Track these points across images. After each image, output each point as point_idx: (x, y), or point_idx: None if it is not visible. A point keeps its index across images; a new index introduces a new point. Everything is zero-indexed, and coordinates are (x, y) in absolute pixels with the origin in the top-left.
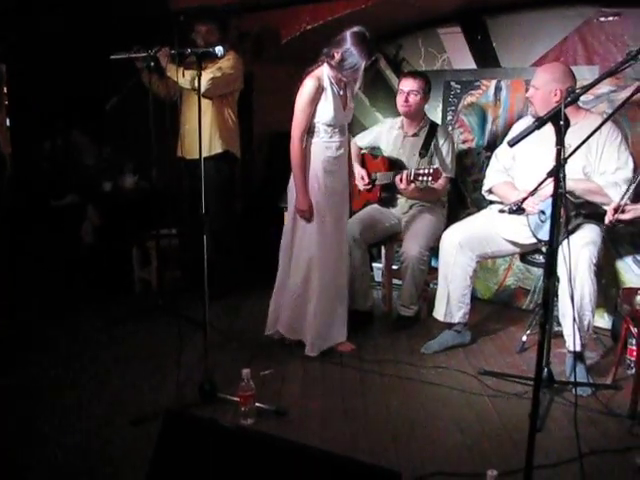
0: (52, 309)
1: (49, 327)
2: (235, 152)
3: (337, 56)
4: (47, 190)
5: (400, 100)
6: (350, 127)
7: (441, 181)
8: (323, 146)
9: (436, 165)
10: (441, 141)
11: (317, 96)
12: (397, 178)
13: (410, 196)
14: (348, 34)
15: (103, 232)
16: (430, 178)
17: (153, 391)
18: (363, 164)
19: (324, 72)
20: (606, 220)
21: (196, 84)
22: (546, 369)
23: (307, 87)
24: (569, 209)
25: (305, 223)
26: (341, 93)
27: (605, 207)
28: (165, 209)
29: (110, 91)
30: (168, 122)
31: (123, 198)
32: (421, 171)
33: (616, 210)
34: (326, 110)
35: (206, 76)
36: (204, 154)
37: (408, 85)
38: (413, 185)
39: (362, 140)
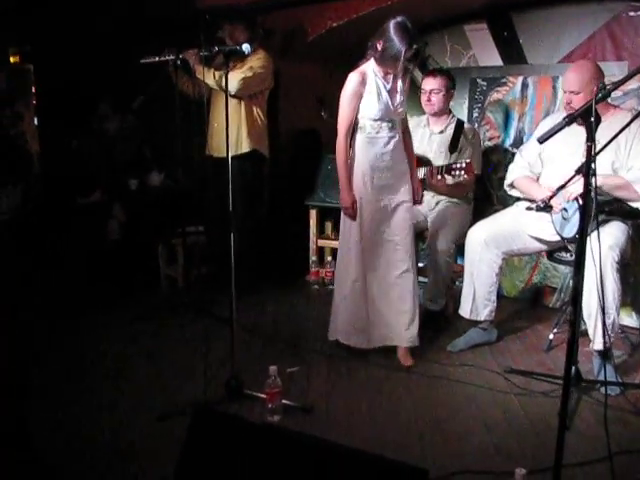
0: (78, 306)
1: (75, 324)
2: (263, 151)
3: (379, 47)
4: (74, 188)
5: (423, 100)
6: None
7: (470, 176)
8: (369, 142)
9: (468, 159)
10: (469, 137)
11: (360, 90)
12: (429, 172)
13: (439, 192)
14: (389, 23)
15: (129, 229)
16: (463, 172)
17: (180, 388)
18: None
19: (369, 66)
20: None
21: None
22: (574, 367)
23: (349, 82)
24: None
25: (350, 221)
26: (389, 87)
27: (632, 203)
28: (191, 207)
29: (138, 88)
30: (195, 120)
31: (149, 196)
32: (454, 165)
33: None
34: (371, 104)
35: (237, 76)
36: (231, 153)
37: (429, 84)
38: (444, 179)
39: None
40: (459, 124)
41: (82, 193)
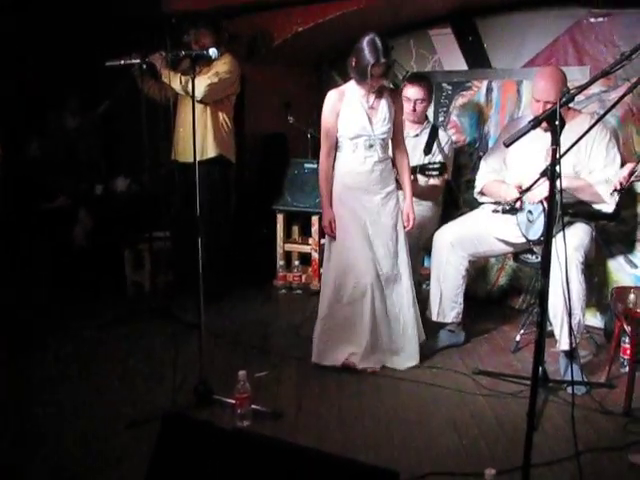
0: (43, 312)
1: (41, 330)
2: (230, 157)
3: (352, 63)
4: (37, 193)
5: (407, 108)
6: None
7: (444, 177)
8: (345, 160)
9: (443, 160)
10: (443, 142)
11: (337, 108)
12: None
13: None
14: (361, 39)
15: (95, 235)
16: (437, 173)
17: (149, 394)
18: None
19: (349, 84)
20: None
21: (191, 89)
22: (541, 368)
23: (327, 99)
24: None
25: (329, 239)
26: (368, 105)
27: (595, 205)
28: (158, 212)
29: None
30: (161, 125)
31: (115, 201)
32: (429, 165)
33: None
34: (347, 122)
35: (203, 82)
36: (197, 158)
37: (415, 94)
38: (417, 180)
39: None
40: (434, 129)
41: (46, 198)
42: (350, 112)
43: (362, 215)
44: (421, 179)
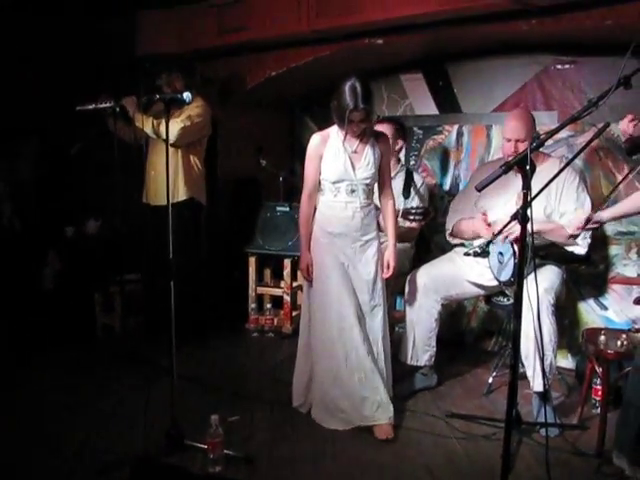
0: (10, 356)
1: (8, 375)
2: (200, 199)
3: (333, 104)
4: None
5: None
6: None
7: (426, 221)
8: (326, 204)
9: (425, 204)
10: (418, 184)
11: (319, 151)
12: (381, 215)
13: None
14: (344, 81)
15: (65, 277)
16: (421, 217)
17: (119, 439)
18: None
19: (334, 128)
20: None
21: (164, 132)
22: (514, 410)
23: (310, 142)
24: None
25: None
26: (352, 150)
27: (568, 248)
28: (129, 255)
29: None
30: (133, 168)
31: (86, 243)
32: (412, 210)
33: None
34: (328, 166)
35: (176, 125)
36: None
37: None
38: (399, 222)
39: None
40: (408, 173)
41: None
42: (332, 156)
43: (342, 259)
44: (402, 222)
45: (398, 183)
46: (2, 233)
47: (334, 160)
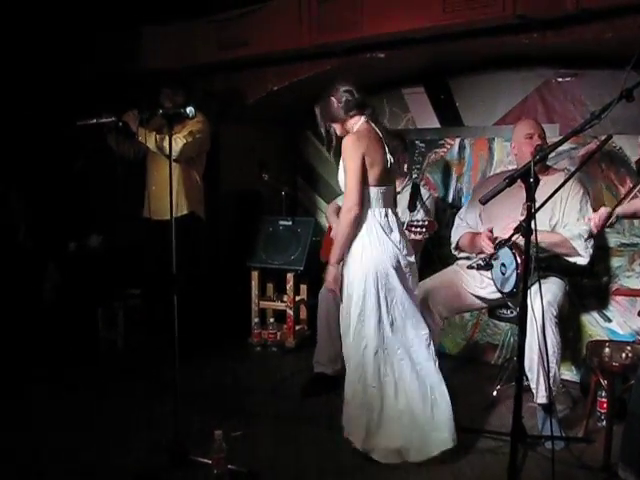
0: (11, 373)
1: (8, 392)
2: (200, 214)
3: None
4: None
5: None
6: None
7: (429, 234)
8: None
9: (431, 217)
10: (425, 198)
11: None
12: None
13: None
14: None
15: (66, 292)
16: (424, 230)
17: (122, 455)
18: None
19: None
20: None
21: (166, 148)
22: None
23: None
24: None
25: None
26: None
27: (569, 259)
28: (131, 269)
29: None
30: (135, 183)
31: (88, 258)
32: (415, 222)
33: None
34: None
35: (178, 141)
36: (168, 215)
37: None
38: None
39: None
40: (415, 186)
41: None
42: None
43: None
44: (408, 235)
45: (405, 197)
46: (17, 250)
47: None
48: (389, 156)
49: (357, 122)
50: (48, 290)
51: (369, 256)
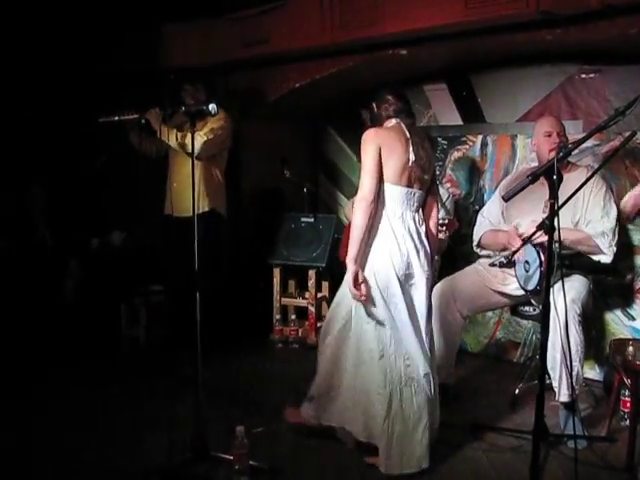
0: (36, 370)
1: (32, 389)
2: (221, 211)
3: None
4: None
5: None
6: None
7: (450, 232)
8: None
9: (451, 217)
10: (444, 197)
11: None
12: None
13: None
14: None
15: (89, 289)
16: (444, 228)
17: (145, 450)
18: None
19: None
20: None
21: (188, 145)
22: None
23: None
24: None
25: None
26: None
27: (593, 257)
28: (153, 266)
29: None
30: (157, 180)
31: (111, 255)
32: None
33: None
34: None
35: (200, 139)
36: (190, 212)
37: None
38: None
39: None
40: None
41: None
42: None
43: None
44: None
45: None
46: (36, 247)
47: None
48: (412, 155)
49: (390, 123)
50: (70, 287)
51: (373, 257)
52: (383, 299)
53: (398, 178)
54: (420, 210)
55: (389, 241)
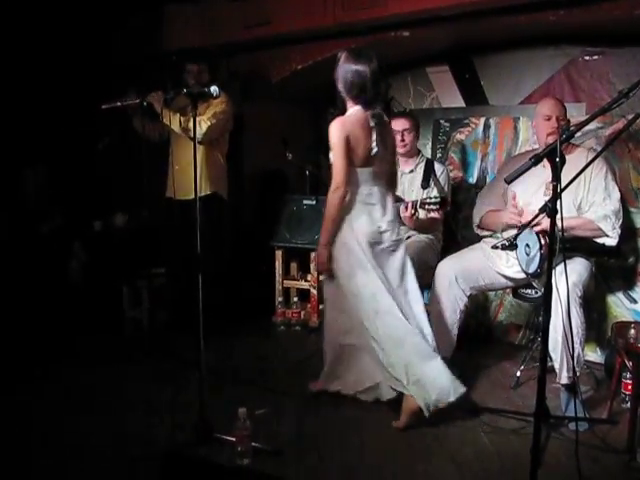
0: (38, 350)
1: (35, 369)
2: (222, 194)
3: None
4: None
5: (397, 140)
6: None
7: (443, 210)
8: None
9: (440, 192)
10: (439, 173)
11: None
12: (402, 207)
13: (411, 226)
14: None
15: (92, 271)
16: (437, 207)
17: (148, 432)
18: None
19: None
20: None
21: (191, 129)
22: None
23: None
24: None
25: None
26: None
27: (598, 240)
28: (156, 248)
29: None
30: (158, 162)
31: (114, 237)
32: (427, 199)
33: None
34: None
35: (203, 124)
36: (192, 195)
37: (400, 124)
38: (417, 213)
39: None
40: (428, 163)
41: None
42: None
43: None
44: (421, 212)
45: (418, 175)
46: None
47: None
48: (374, 143)
49: (352, 107)
50: (75, 268)
51: (345, 228)
52: (367, 259)
53: (366, 162)
54: (385, 183)
55: (358, 213)
